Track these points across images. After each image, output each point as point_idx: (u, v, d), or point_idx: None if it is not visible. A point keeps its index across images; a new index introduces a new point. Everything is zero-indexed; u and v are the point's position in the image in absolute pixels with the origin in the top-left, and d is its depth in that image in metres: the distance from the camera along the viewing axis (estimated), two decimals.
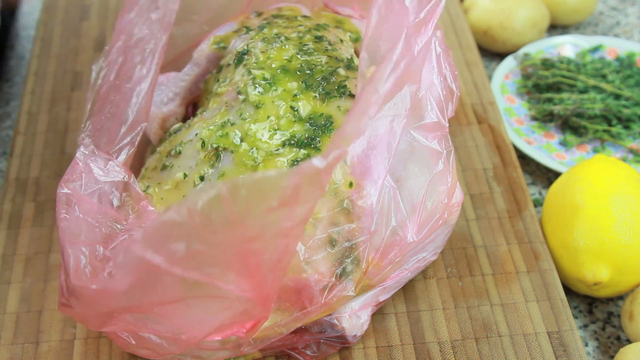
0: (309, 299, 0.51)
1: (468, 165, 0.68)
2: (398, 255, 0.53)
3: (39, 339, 0.57)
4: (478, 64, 0.76)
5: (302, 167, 0.42)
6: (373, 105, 0.47)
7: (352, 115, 0.46)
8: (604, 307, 0.63)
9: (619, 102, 0.74)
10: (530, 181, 0.72)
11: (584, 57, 0.81)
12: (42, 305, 0.58)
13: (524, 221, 0.63)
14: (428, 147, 0.54)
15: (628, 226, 0.59)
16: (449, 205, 0.54)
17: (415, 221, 0.53)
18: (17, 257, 0.61)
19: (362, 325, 0.54)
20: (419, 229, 0.53)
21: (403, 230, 0.53)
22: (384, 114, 0.51)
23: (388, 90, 0.48)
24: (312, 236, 0.50)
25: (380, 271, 0.53)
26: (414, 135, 0.54)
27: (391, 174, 0.53)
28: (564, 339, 0.56)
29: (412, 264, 0.56)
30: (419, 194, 0.53)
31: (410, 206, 0.53)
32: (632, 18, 0.89)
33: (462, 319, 0.58)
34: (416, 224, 0.53)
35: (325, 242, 0.51)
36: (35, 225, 0.64)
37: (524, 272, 0.60)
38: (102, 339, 0.56)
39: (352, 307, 0.54)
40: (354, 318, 0.54)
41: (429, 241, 0.55)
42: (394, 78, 0.48)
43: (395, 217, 0.52)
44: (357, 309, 0.54)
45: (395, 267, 0.54)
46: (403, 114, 0.52)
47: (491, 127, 0.71)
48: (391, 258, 0.53)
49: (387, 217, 0.52)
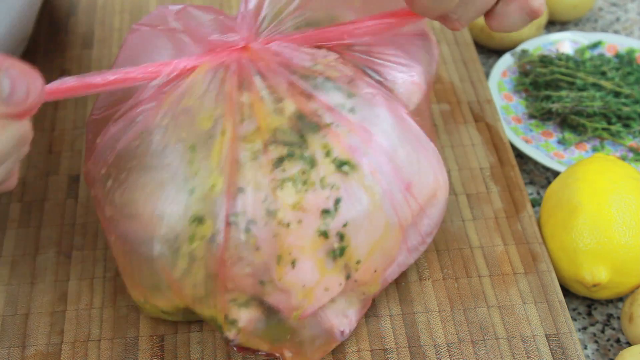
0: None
1: (464, 165, 0.67)
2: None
3: (26, 343, 0.56)
4: (475, 61, 0.76)
5: None
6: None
7: None
8: (603, 309, 0.62)
9: (618, 99, 0.74)
10: (528, 180, 0.72)
11: (583, 54, 0.80)
12: (29, 308, 0.58)
13: (522, 221, 0.63)
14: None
15: (628, 226, 0.58)
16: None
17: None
18: (2, 259, 0.61)
19: (351, 322, 0.54)
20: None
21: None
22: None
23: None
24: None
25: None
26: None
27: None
28: (562, 341, 0.56)
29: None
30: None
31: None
32: (632, 14, 0.89)
33: (458, 321, 0.57)
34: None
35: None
36: (21, 227, 0.63)
37: (522, 274, 0.60)
38: (90, 342, 0.56)
39: (339, 305, 0.53)
40: (341, 315, 0.53)
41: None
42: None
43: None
44: (343, 306, 0.54)
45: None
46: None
47: (488, 125, 0.70)
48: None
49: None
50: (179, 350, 0.55)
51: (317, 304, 0.51)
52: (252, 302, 0.52)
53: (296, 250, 0.50)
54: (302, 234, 0.50)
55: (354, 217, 0.51)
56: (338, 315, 0.53)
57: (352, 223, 0.51)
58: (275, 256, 0.49)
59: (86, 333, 0.56)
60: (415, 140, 0.54)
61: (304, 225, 0.50)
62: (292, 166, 0.50)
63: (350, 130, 0.51)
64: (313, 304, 0.51)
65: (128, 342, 0.56)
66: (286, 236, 0.49)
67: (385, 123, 0.53)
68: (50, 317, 0.57)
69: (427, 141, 0.55)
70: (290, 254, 0.49)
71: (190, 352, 0.55)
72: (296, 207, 0.49)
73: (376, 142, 0.52)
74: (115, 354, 0.55)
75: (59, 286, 0.59)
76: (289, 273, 0.50)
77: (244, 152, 0.50)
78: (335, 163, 0.51)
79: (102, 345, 0.56)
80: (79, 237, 0.62)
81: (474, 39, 0.82)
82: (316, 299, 0.51)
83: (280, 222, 0.49)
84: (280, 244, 0.49)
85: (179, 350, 0.55)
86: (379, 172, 0.51)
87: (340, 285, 0.52)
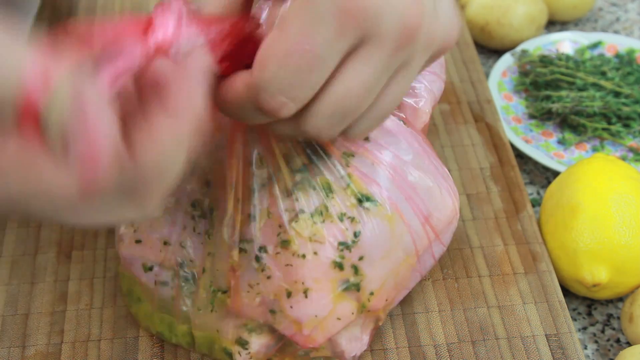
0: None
1: (464, 165, 0.67)
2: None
3: (26, 343, 0.56)
4: (475, 61, 0.76)
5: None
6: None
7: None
8: (603, 309, 0.62)
9: (618, 99, 0.74)
10: (528, 180, 0.72)
11: (583, 54, 0.80)
12: (29, 308, 0.58)
13: (522, 221, 0.63)
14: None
15: (628, 226, 0.58)
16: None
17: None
18: (2, 259, 0.61)
19: (362, 346, 0.53)
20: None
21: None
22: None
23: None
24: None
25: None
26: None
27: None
28: (562, 341, 0.56)
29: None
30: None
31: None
32: (632, 14, 0.88)
33: (458, 321, 0.57)
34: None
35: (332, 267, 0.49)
36: (21, 227, 0.63)
37: (522, 274, 0.59)
38: (90, 342, 0.56)
39: (353, 331, 0.52)
40: (353, 340, 0.52)
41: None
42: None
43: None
44: (358, 331, 0.53)
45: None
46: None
47: (488, 125, 0.70)
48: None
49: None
50: (179, 350, 0.55)
51: (328, 334, 0.50)
52: (263, 327, 0.51)
53: (309, 281, 0.48)
54: (316, 265, 0.48)
55: (371, 250, 0.49)
56: (351, 341, 0.52)
57: (369, 256, 0.49)
58: (288, 286, 0.49)
59: (86, 333, 0.56)
60: (434, 169, 0.52)
61: (320, 256, 0.48)
62: (307, 194, 0.49)
63: (370, 161, 0.50)
64: (325, 333, 0.50)
65: (128, 342, 0.56)
66: (301, 267, 0.48)
67: (404, 153, 0.51)
68: (50, 317, 0.57)
69: (441, 166, 0.54)
70: (303, 283, 0.48)
71: (190, 352, 0.55)
72: (312, 239, 0.48)
73: (396, 173, 0.50)
74: (115, 354, 0.55)
75: (59, 286, 0.59)
76: (301, 302, 0.49)
77: (255, 178, 0.49)
78: (355, 196, 0.49)
79: (102, 345, 0.56)
80: (79, 237, 0.62)
81: (474, 39, 0.82)
82: (328, 329, 0.50)
83: (295, 253, 0.48)
84: (293, 275, 0.48)
85: (178, 351, 0.55)
86: (400, 205, 0.50)
87: (353, 314, 0.51)
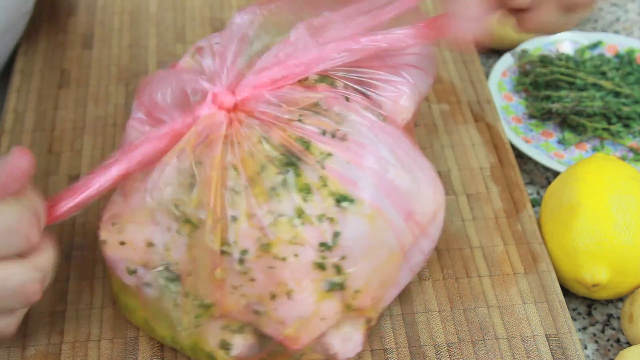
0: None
1: (464, 165, 0.67)
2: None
3: (26, 343, 0.56)
4: (475, 61, 0.76)
5: None
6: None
7: None
8: (603, 309, 0.62)
9: (618, 99, 0.74)
10: (528, 180, 0.72)
11: (582, 54, 0.80)
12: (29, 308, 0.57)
13: (522, 221, 0.63)
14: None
15: (628, 226, 0.58)
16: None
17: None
18: None
19: (356, 347, 0.53)
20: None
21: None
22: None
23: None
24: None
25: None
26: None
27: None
28: (562, 341, 0.56)
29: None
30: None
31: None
32: (632, 14, 0.88)
33: (458, 321, 0.57)
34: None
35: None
36: None
37: (522, 274, 0.59)
38: (90, 342, 0.56)
39: (344, 330, 0.53)
40: (346, 342, 0.52)
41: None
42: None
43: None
44: (350, 333, 0.53)
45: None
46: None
47: (488, 125, 0.70)
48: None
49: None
50: (179, 350, 0.55)
51: (313, 334, 0.51)
52: (246, 328, 0.51)
53: (292, 282, 0.49)
54: (298, 266, 0.49)
55: (352, 249, 0.49)
56: (344, 341, 0.52)
57: (351, 255, 0.49)
58: (271, 288, 0.49)
59: (86, 333, 0.56)
60: (413, 164, 0.52)
61: (301, 258, 0.48)
62: (285, 197, 0.49)
63: (347, 160, 0.50)
64: (309, 334, 0.50)
65: (128, 342, 0.56)
66: (282, 269, 0.48)
67: (382, 150, 0.51)
68: (50, 317, 0.57)
69: (422, 160, 0.54)
70: (286, 285, 0.49)
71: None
72: (293, 242, 0.48)
73: (374, 171, 0.50)
74: (115, 354, 0.55)
75: (59, 286, 0.59)
76: (285, 304, 0.49)
77: (233, 180, 0.49)
78: (334, 196, 0.49)
79: (102, 345, 0.56)
80: (79, 237, 0.62)
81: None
82: (312, 329, 0.50)
83: (276, 256, 0.48)
84: (276, 277, 0.48)
85: (178, 351, 0.55)
86: (379, 203, 0.50)
87: (337, 314, 0.51)
